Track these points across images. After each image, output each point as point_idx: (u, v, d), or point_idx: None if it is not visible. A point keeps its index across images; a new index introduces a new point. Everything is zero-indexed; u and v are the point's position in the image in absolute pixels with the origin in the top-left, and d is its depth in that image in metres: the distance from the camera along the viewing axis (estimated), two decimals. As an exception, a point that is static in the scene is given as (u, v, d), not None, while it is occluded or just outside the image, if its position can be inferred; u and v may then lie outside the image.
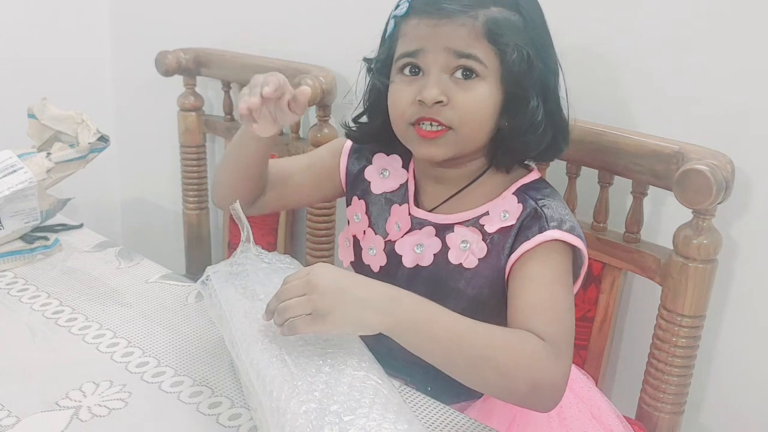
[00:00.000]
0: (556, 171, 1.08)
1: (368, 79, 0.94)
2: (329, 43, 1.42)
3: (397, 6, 0.87)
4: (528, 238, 0.83)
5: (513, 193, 0.88)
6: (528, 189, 0.88)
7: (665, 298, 0.98)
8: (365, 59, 0.94)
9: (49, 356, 0.85)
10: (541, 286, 0.81)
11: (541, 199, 0.86)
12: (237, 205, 0.82)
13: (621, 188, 1.05)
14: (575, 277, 0.88)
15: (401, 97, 0.85)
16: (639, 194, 1.02)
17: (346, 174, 0.99)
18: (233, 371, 0.81)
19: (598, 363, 1.09)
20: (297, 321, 0.69)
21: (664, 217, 1.07)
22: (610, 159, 1.00)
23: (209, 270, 0.81)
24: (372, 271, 0.95)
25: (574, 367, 1.00)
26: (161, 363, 0.83)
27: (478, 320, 0.76)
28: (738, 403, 1.08)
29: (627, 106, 1.08)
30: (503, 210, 0.86)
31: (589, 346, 1.10)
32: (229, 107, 1.58)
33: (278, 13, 1.50)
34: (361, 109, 0.96)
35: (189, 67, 1.58)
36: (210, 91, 1.67)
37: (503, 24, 0.81)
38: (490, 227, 0.86)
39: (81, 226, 1.18)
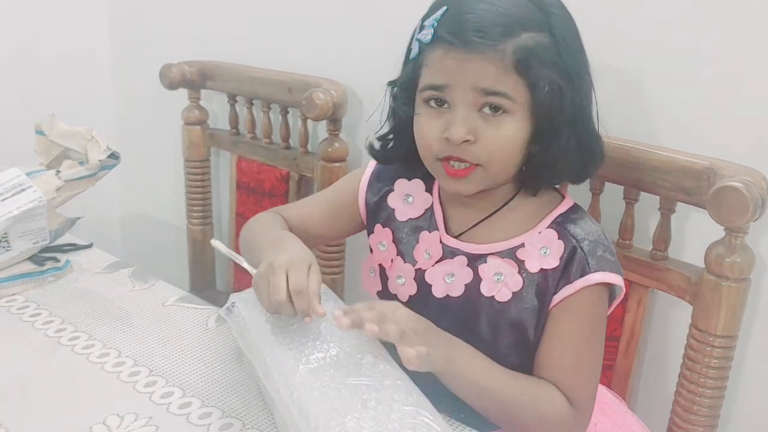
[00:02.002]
0: (579, 186, 1.06)
1: (391, 102, 0.91)
2: (338, 56, 1.39)
3: (422, 28, 0.82)
4: (569, 282, 0.82)
5: (550, 227, 0.85)
6: (566, 222, 0.85)
7: (697, 318, 0.96)
8: (390, 83, 0.91)
9: (68, 387, 0.81)
10: (577, 347, 0.84)
11: (581, 237, 0.83)
12: (217, 242, 0.80)
13: (644, 204, 1.03)
14: (609, 303, 0.87)
15: (428, 132, 0.82)
16: (667, 211, 1.00)
17: (366, 206, 0.97)
18: (263, 401, 0.78)
19: (625, 383, 1.07)
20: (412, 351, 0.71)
21: (689, 233, 1.06)
22: (637, 175, 0.98)
23: (234, 297, 0.78)
24: (400, 300, 0.93)
25: (604, 388, 0.99)
26: (187, 393, 0.80)
27: (506, 353, 0.84)
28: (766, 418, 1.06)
29: (649, 120, 1.06)
30: (543, 245, 0.84)
31: (614, 366, 1.08)
32: (234, 120, 1.55)
33: (286, 25, 1.47)
34: (385, 130, 0.93)
35: (193, 80, 1.55)
36: (215, 104, 1.64)
37: (534, 53, 0.76)
38: (531, 265, 0.83)
39: (91, 245, 1.14)
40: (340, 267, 1.43)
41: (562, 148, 0.81)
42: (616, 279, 0.83)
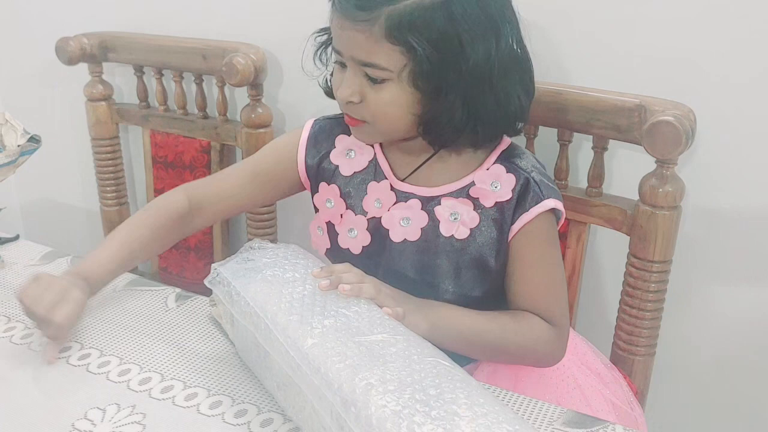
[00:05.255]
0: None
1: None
2: (251, 19, 1.35)
3: None
4: (525, 210, 0.85)
5: (497, 163, 0.88)
6: (510, 157, 0.88)
7: (634, 247, 1.02)
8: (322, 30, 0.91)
9: (36, 388, 0.76)
10: (543, 268, 0.89)
11: (529, 169, 0.87)
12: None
13: (573, 145, 1.08)
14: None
15: (334, 86, 0.87)
16: (600, 149, 1.05)
17: (306, 170, 0.96)
18: (249, 374, 0.76)
19: (570, 315, 1.13)
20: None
21: (616, 169, 1.12)
22: (571, 117, 1.02)
23: (216, 267, 0.76)
24: (352, 254, 0.93)
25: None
26: (166, 377, 0.77)
27: (470, 287, 0.88)
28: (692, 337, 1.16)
29: (569, 64, 1.10)
30: (493, 180, 0.87)
31: (559, 300, 1.13)
32: (143, 93, 1.48)
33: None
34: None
35: (94, 53, 1.46)
36: (118, 77, 1.55)
37: (408, 20, 0.76)
38: (486, 200, 0.86)
39: (17, 237, 1.07)
40: (273, 228, 1.41)
41: (447, 111, 0.80)
42: (561, 206, 0.89)
